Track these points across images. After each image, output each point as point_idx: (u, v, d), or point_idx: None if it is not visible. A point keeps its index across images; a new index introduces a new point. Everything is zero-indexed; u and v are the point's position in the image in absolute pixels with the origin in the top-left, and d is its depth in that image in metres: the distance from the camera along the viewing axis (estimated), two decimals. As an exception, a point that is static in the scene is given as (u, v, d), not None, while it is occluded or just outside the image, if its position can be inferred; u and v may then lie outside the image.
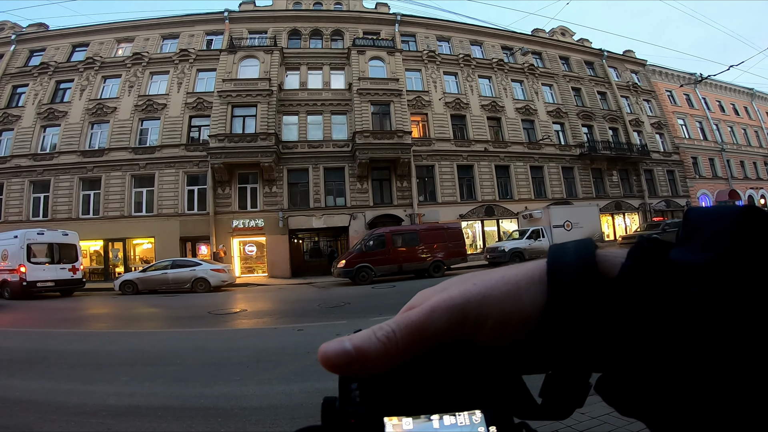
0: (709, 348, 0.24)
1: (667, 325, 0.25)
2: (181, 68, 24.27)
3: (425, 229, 18.21)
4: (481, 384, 0.30)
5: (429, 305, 0.30)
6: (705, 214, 0.28)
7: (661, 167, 30.86)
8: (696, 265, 0.26)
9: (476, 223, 24.74)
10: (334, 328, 7.90)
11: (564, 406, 0.31)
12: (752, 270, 0.25)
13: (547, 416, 0.31)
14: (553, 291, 0.29)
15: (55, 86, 24.13)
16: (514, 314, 0.30)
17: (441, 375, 0.30)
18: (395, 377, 0.29)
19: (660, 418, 0.27)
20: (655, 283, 0.27)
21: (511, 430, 0.30)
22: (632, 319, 0.27)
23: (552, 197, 25.85)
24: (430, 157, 24.50)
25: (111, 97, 23.75)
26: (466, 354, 0.30)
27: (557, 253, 0.31)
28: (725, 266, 0.25)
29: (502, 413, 0.30)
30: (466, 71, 27.16)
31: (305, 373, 4.98)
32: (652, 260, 0.28)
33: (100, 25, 25.56)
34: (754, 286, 0.24)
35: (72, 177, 22.07)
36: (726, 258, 0.25)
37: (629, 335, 0.27)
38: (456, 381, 0.30)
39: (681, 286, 0.26)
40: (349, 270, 16.17)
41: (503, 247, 19.61)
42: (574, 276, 0.29)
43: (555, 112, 28.32)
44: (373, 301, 11.11)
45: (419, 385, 0.29)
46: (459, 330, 0.29)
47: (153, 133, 23.22)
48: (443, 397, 0.29)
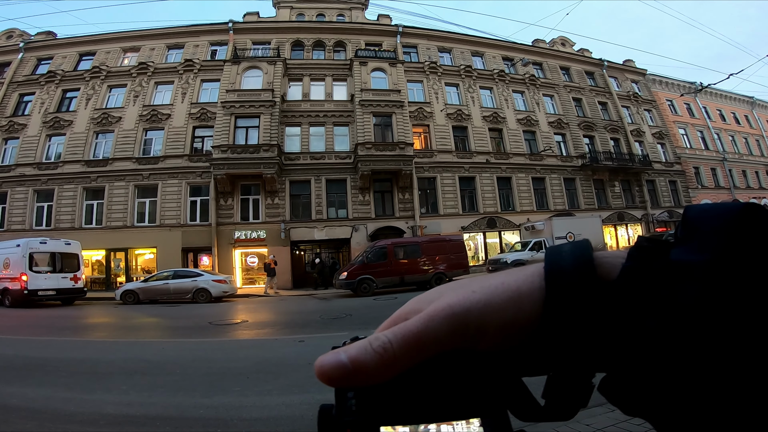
0: (707, 348, 0.24)
1: (665, 325, 0.25)
2: (186, 78, 24.52)
3: (427, 241, 18.21)
4: (479, 391, 0.30)
5: (427, 314, 0.29)
6: (703, 212, 0.28)
7: (663, 177, 30.84)
8: (694, 265, 0.26)
9: (478, 235, 24.68)
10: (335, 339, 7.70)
11: (568, 406, 0.31)
12: (749, 269, 0.25)
13: (551, 417, 0.31)
14: (551, 294, 0.29)
15: (62, 95, 24.36)
16: (516, 320, 0.29)
17: (438, 383, 0.29)
18: (392, 385, 0.28)
19: (663, 417, 0.27)
20: (655, 283, 0.27)
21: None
22: (633, 320, 0.27)
23: (554, 209, 25.81)
24: (432, 169, 24.55)
25: (116, 106, 23.97)
26: (464, 361, 0.29)
27: (554, 255, 0.30)
28: (722, 266, 0.25)
29: (500, 421, 0.30)
30: (468, 82, 27.35)
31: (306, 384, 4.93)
32: (652, 260, 0.28)
33: (107, 34, 25.91)
34: (751, 285, 0.24)
35: (76, 186, 22.17)
36: (723, 258, 0.25)
37: (630, 336, 0.27)
38: (453, 388, 0.29)
39: (679, 287, 0.26)
40: (350, 282, 16.17)
41: (505, 258, 19.55)
42: (571, 277, 0.28)
43: (556, 122, 28.43)
44: (374, 313, 11.04)
45: (416, 394, 0.29)
46: (459, 339, 0.29)
47: (157, 143, 23.37)
48: (440, 405, 0.29)
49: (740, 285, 0.25)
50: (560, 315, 0.28)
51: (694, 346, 0.24)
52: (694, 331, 0.25)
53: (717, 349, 0.24)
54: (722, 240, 0.26)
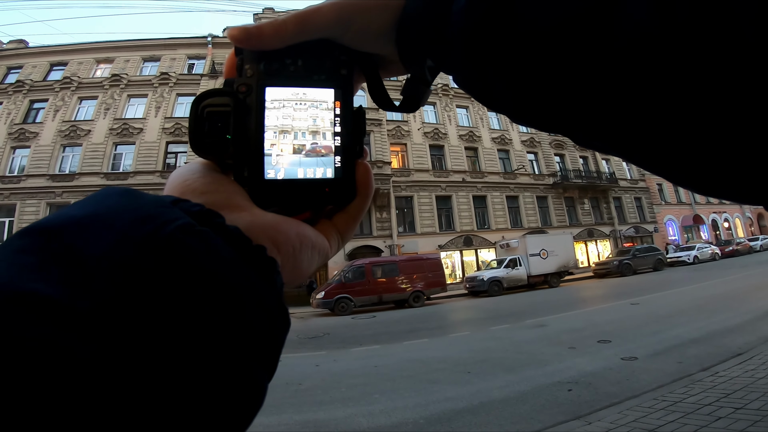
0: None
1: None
2: (161, 92, 24.10)
3: (405, 260, 18.30)
4: (339, 72, 0.38)
5: (314, 6, 0.35)
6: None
7: (629, 194, 32.12)
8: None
9: (455, 253, 24.93)
10: (312, 359, 7.69)
11: (413, 103, 0.39)
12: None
13: (402, 110, 0.41)
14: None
15: (29, 105, 23.49)
16: (374, 22, 0.36)
17: (311, 59, 0.36)
18: (276, 57, 0.35)
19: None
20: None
21: (351, 107, 0.38)
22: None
23: (528, 226, 26.39)
24: (409, 188, 24.78)
25: (86, 119, 23.28)
26: (334, 48, 0.37)
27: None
28: None
29: (347, 94, 0.38)
30: (445, 101, 27.92)
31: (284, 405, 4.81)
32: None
33: (80, 44, 25.33)
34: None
35: (39, 202, 21.23)
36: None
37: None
38: (320, 65, 0.37)
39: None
40: (328, 301, 16.08)
41: (482, 276, 19.74)
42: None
43: (529, 141, 29.31)
44: (352, 332, 10.92)
45: (293, 65, 0.36)
46: (334, 26, 0.35)
47: (127, 158, 22.77)
48: (309, 76, 0.37)
49: None
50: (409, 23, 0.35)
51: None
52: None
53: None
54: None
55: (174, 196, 0.27)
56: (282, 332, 0.27)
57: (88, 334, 0.18)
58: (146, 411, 0.18)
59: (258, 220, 0.30)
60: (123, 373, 0.18)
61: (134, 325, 0.20)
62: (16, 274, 0.19)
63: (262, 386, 0.25)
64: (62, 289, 0.19)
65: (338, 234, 0.38)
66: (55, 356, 0.17)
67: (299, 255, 0.32)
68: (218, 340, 0.22)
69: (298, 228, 0.33)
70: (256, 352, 0.24)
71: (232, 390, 0.22)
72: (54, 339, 0.17)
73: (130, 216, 0.23)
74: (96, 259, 0.21)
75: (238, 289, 0.23)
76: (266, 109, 0.35)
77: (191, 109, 0.34)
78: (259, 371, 0.25)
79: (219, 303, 0.22)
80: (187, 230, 0.23)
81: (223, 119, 0.34)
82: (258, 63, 0.35)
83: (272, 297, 0.26)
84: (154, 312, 0.20)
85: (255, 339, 0.24)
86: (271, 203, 0.34)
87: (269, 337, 0.25)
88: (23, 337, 0.17)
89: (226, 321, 0.22)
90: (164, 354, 0.20)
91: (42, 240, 0.21)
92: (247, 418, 0.24)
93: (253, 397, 0.24)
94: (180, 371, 0.20)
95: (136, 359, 0.19)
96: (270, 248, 0.29)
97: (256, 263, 0.26)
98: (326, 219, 0.38)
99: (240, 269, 0.24)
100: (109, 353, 0.18)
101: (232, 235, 0.26)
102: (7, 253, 0.21)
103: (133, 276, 0.21)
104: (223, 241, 0.24)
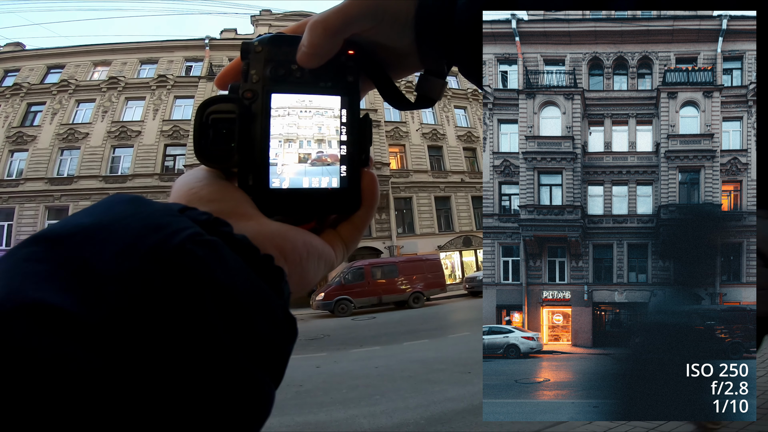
0: None
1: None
2: (158, 94, 24.04)
3: (404, 261, 18.36)
4: (345, 79, 0.38)
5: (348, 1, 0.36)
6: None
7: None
8: None
9: (454, 254, 24.88)
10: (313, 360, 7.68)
11: (430, 97, 0.41)
12: None
13: (417, 107, 0.42)
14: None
15: (27, 108, 23.40)
16: (402, 9, 0.38)
17: (321, 70, 0.36)
18: (283, 62, 0.35)
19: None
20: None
21: (357, 114, 0.39)
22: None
23: (526, 226, 26.36)
24: (408, 189, 24.75)
25: (83, 122, 23.18)
26: (340, 54, 0.36)
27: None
28: None
29: (353, 102, 0.38)
30: (443, 102, 27.84)
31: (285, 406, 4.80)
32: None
33: (77, 47, 25.21)
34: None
35: (38, 205, 21.18)
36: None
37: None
38: (327, 72, 0.37)
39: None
40: (328, 302, 16.10)
41: (481, 276, 19.70)
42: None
43: (527, 143, 29.28)
44: (353, 333, 10.90)
45: (299, 71, 0.36)
46: (371, 14, 0.36)
47: (126, 161, 22.72)
48: (315, 83, 0.37)
49: None
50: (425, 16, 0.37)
51: None
52: None
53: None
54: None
55: (182, 204, 0.27)
56: (289, 342, 0.27)
57: (98, 345, 0.18)
58: (154, 421, 0.19)
59: (265, 229, 0.30)
60: (130, 384, 0.19)
61: (142, 337, 0.20)
62: (25, 283, 0.19)
63: (270, 395, 0.25)
64: (71, 298, 0.19)
65: (343, 243, 0.37)
66: (64, 367, 0.17)
67: (306, 264, 0.32)
68: (226, 351, 0.22)
69: (305, 237, 0.33)
70: (264, 361, 0.24)
71: (240, 400, 0.22)
72: (63, 350, 0.17)
73: (139, 224, 0.23)
74: (106, 269, 0.21)
75: (246, 298, 0.24)
76: (272, 117, 0.35)
77: (196, 116, 0.33)
78: (267, 380, 0.25)
79: (228, 313, 0.22)
80: (195, 240, 0.23)
81: (228, 126, 0.33)
82: (264, 68, 0.34)
83: (280, 307, 0.26)
84: (162, 323, 0.20)
85: (263, 348, 0.24)
86: (276, 212, 0.34)
87: (277, 346, 0.25)
88: (32, 348, 0.17)
89: (235, 331, 0.22)
90: (172, 365, 0.20)
91: (50, 248, 0.21)
92: (255, 426, 0.24)
93: (261, 406, 0.24)
94: (188, 382, 0.20)
95: (144, 370, 0.19)
96: (277, 257, 0.28)
97: (264, 272, 0.26)
98: (331, 228, 0.38)
99: (248, 279, 0.24)
100: (116, 365, 0.18)
101: (240, 244, 0.26)
102: (16, 260, 0.21)
103: (142, 287, 0.21)
104: (231, 251, 0.25)
